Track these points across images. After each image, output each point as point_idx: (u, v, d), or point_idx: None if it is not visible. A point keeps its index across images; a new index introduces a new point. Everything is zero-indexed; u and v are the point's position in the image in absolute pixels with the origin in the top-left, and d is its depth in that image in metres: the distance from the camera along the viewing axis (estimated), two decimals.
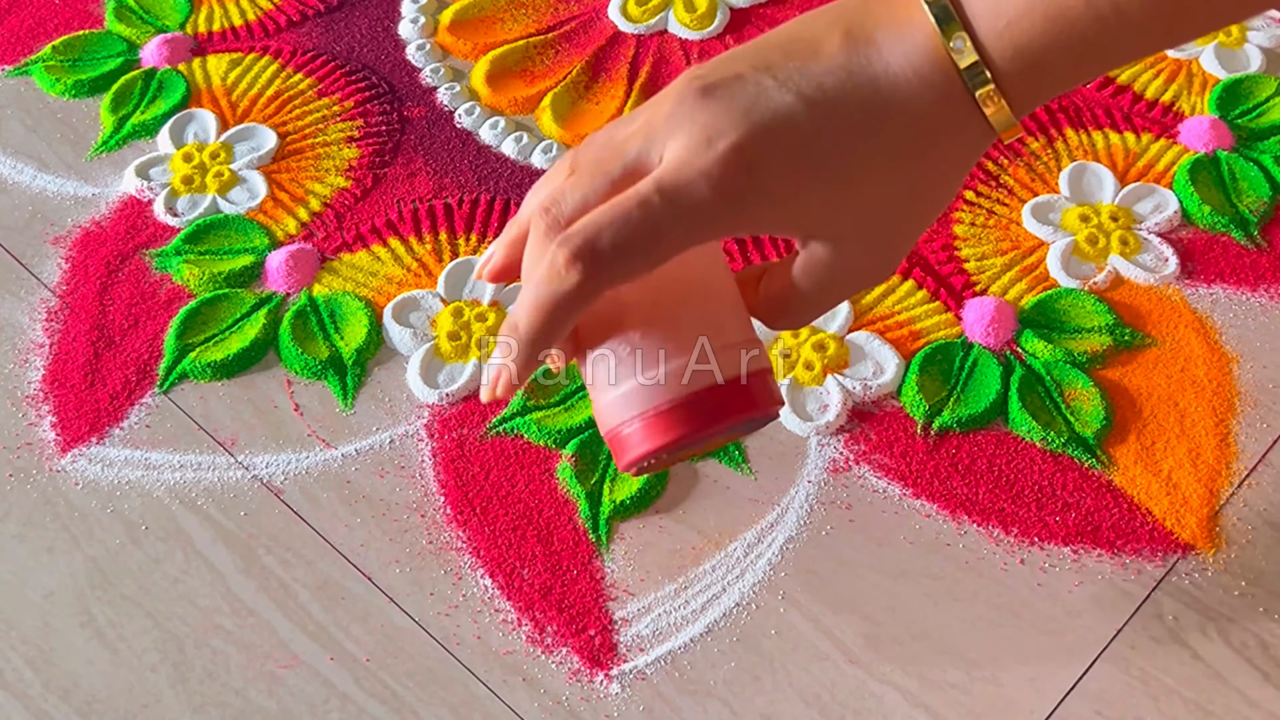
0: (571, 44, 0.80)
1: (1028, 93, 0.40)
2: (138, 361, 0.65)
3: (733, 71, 0.40)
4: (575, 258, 0.39)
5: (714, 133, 0.39)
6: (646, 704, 0.54)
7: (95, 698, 0.55)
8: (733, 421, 0.44)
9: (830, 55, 0.40)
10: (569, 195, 0.41)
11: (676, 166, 0.39)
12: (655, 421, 0.43)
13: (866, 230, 0.42)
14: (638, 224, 0.39)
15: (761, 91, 0.39)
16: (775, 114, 0.39)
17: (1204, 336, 0.65)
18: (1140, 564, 0.58)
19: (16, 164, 0.74)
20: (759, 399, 0.44)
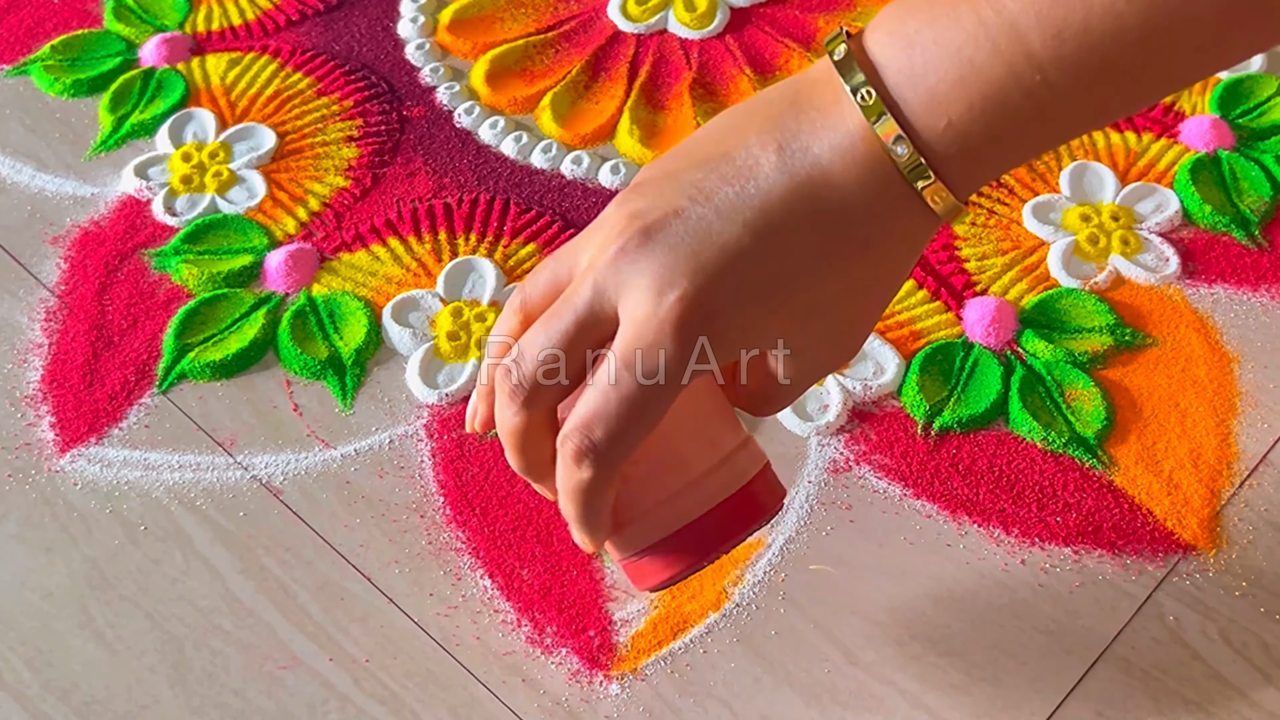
0: (571, 43, 0.80)
1: (969, 181, 0.40)
2: (136, 361, 0.65)
3: (671, 207, 0.39)
4: (579, 457, 0.40)
5: (664, 284, 0.39)
6: (646, 705, 0.54)
7: (94, 698, 0.55)
8: (744, 534, 0.45)
9: (768, 176, 0.39)
10: (526, 356, 0.41)
11: (635, 333, 0.39)
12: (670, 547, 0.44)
13: (828, 331, 0.42)
14: (621, 408, 0.39)
15: (705, 228, 0.39)
16: (724, 251, 0.39)
17: (1205, 336, 0.65)
18: (1141, 564, 0.57)
19: (15, 164, 0.74)
20: (765, 501, 0.45)
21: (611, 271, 0.40)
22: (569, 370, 0.41)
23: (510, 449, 0.43)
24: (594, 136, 0.75)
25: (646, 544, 0.44)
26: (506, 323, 0.44)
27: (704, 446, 0.43)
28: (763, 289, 0.39)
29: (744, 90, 0.76)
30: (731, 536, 0.44)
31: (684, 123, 0.75)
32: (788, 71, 0.77)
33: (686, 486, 0.43)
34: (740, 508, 0.44)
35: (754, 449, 0.45)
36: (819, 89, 0.40)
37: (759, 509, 0.44)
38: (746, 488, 0.44)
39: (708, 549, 0.44)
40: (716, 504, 0.43)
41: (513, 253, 0.69)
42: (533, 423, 0.42)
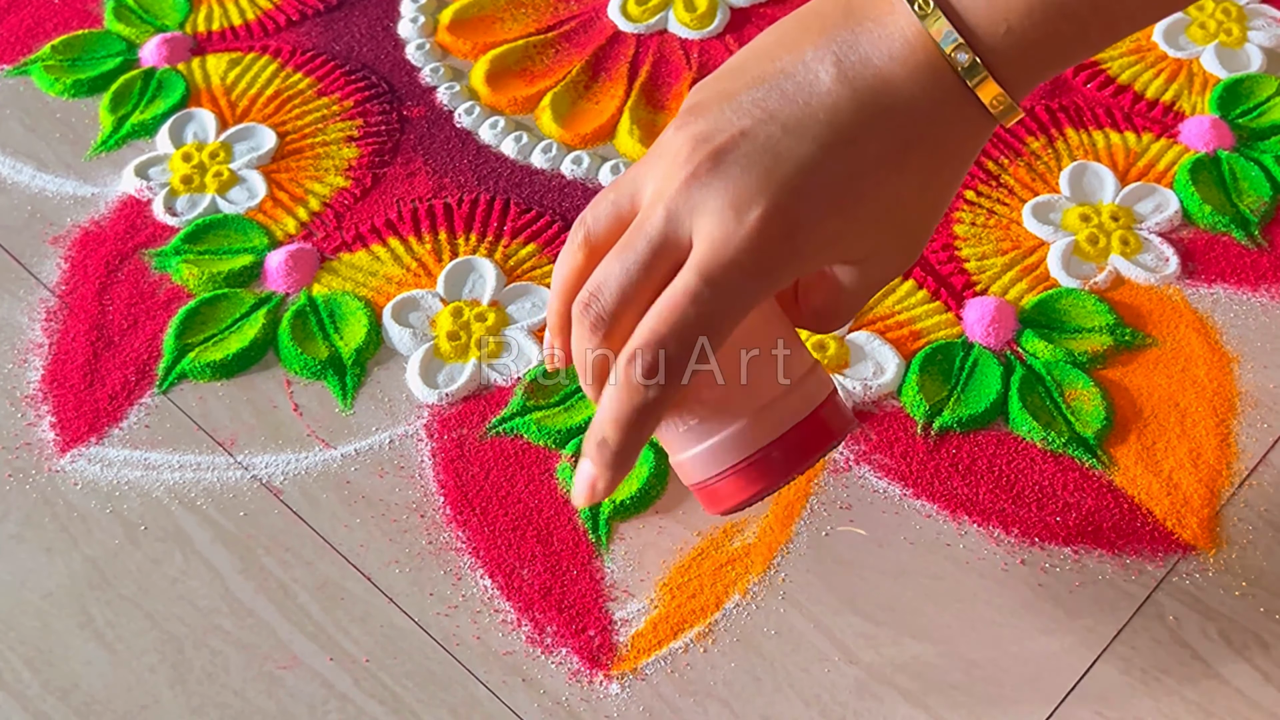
0: (571, 43, 0.80)
1: (1027, 82, 0.40)
2: (137, 361, 0.65)
3: (737, 128, 0.39)
4: (650, 371, 0.40)
5: (741, 204, 0.39)
6: (646, 704, 0.54)
7: (94, 698, 0.55)
8: (816, 457, 0.45)
9: (830, 90, 0.39)
10: (606, 289, 0.41)
11: (714, 250, 0.39)
12: (746, 472, 0.44)
13: (891, 237, 0.42)
14: (696, 321, 0.39)
15: (774, 146, 0.39)
16: (799, 169, 0.39)
17: (1205, 336, 0.65)
18: (1141, 564, 0.57)
19: (15, 164, 0.74)
20: (834, 426, 0.45)
21: (684, 198, 0.39)
22: (648, 300, 0.40)
23: (590, 382, 0.42)
24: (594, 136, 0.75)
25: (720, 469, 0.44)
26: (571, 258, 0.43)
27: (775, 371, 0.44)
28: (839, 199, 0.39)
29: None
30: (803, 461, 0.44)
31: None
32: None
33: (759, 410, 0.43)
34: (811, 432, 0.44)
35: (822, 374, 0.45)
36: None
37: (828, 433, 0.45)
38: (816, 412, 0.44)
39: (781, 473, 0.44)
40: (789, 429, 0.44)
41: (513, 253, 0.69)
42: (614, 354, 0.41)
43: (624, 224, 0.42)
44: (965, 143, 0.41)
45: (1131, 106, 0.75)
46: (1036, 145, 0.73)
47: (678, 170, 0.40)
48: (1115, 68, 0.77)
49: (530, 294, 0.67)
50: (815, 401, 0.45)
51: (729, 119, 0.40)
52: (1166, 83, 0.76)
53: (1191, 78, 0.76)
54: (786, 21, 0.42)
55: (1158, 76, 0.76)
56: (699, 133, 0.40)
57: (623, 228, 0.42)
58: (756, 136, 0.39)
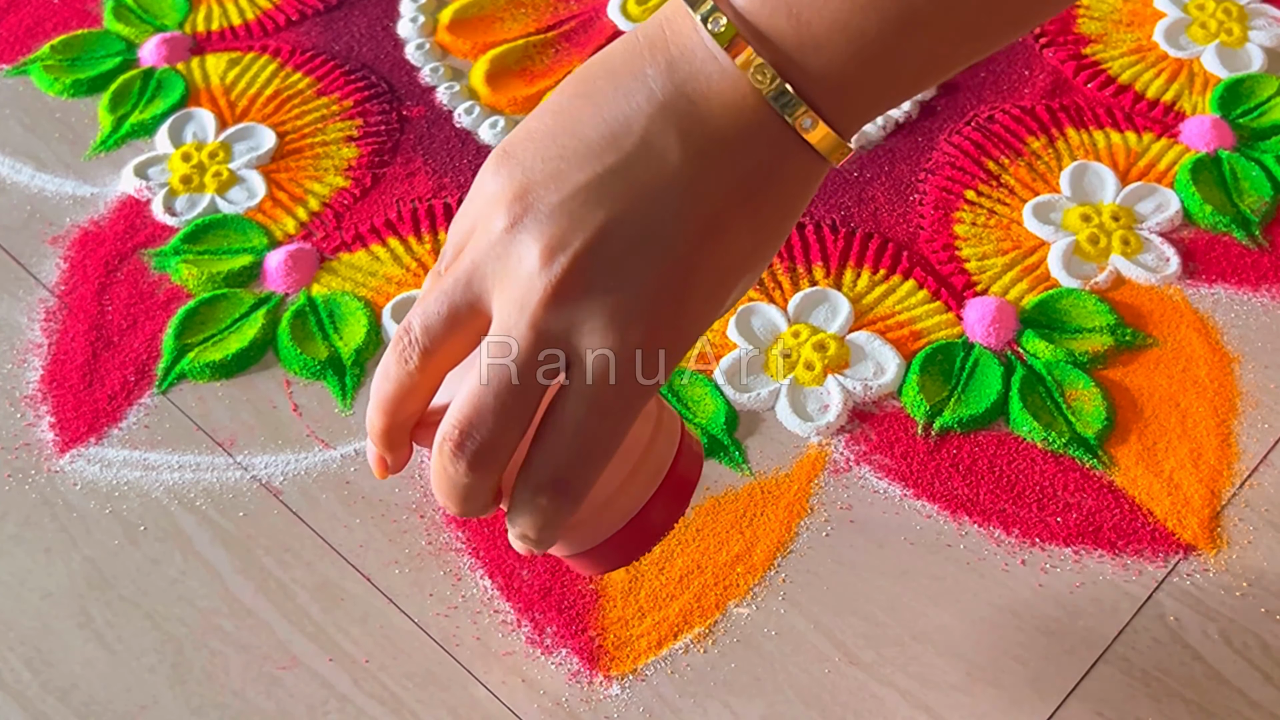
0: (571, 43, 0.80)
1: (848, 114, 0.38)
2: (136, 362, 0.65)
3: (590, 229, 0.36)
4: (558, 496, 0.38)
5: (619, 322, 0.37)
6: (646, 705, 0.54)
7: (93, 699, 0.54)
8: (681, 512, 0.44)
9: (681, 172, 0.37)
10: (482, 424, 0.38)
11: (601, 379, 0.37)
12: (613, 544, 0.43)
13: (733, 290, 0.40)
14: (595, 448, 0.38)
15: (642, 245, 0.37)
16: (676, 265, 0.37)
17: (1205, 337, 0.65)
18: (1141, 565, 0.57)
19: (14, 163, 0.74)
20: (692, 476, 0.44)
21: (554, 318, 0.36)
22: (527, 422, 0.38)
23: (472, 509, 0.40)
24: None
25: (587, 547, 0.43)
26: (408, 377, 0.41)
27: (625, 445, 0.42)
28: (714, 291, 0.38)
29: None
30: (669, 522, 0.44)
31: None
32: None
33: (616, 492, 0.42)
34: (672, 491, 0.43)
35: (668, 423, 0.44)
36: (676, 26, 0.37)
37: (688, 485, 0.44)
38: (673, 471, 0.43)
39: (649, 538, 0.44)
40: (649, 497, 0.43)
41: None
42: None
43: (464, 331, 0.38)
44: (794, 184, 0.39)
45: (1132, 106, 0.75)
46: (1037, 145, 0.73)
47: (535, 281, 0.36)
48: (1116, 67, 0.77)
49: None
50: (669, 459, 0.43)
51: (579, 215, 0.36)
52: (1167, 82, 0.76)
53: (1192, 77, 0.76)
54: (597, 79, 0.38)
55: (1158, 76, 0.76)
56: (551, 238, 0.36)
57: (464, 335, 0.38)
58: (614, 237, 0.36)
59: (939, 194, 0.71)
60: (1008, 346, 0.65)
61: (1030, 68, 0.77)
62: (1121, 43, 0.78)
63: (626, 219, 0.36)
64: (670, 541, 0.58)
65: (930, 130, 0.74)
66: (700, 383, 0.63)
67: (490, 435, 0.38)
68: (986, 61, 0.77)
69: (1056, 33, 0.78)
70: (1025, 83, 0.76)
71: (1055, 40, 0.78)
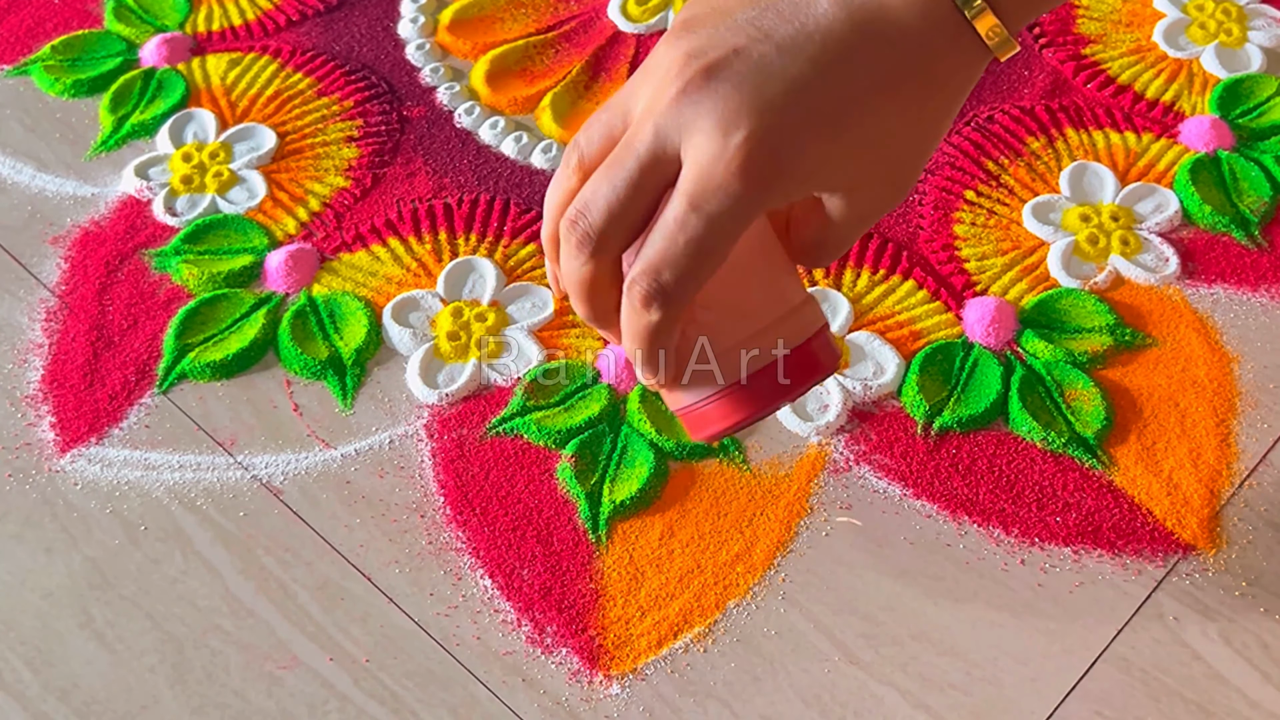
0: (571, 43, 0.80)
1: (1019, 11, 0.40)
2: (137, 362, 0.65)
3: (730, 45, 0.39)
4: (648, 301, 0.40)
5: (729, 123, 0.38)
6: (646, 704, 0.54)
7: (94, 698, 0.55)
8: (804, 388, 0.45)
9: (827, 13, 0.39)
10: (593, 206, 0.40)
11: (702, 173, 0.39)
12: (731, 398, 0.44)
13: (879, 167, 0.42)
14: (687, 250, 0.39)
15: (767, 65, 0.39)
16: (789, 87, 0.39)
17: (1205, 337, 0.65)
18: (1141, 564, 0.57)
19: (15, 164, 0.74)
20: (823, 360, 0.45)
21: (673, 113, 0.39)
22: (635, 216, 0.40)
23: (578, 299, 0.42)
24: None
25: (707, 394, 0.44)
26: (565, 182, 0.43)
27: (769, 299, 0.44)
28: (827, 123, 0.39)
29: None
30: (789, 391, 0.44)
31: None
32: None
33: (750, 337, 0.43)
34: (801, 363, 0.44)
35: (815, 307, 0.45)
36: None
37: (817, 366, 0.45)
38: (807, 344, 0.44)
39: (765, 402, 0.44)
40: (778, 357, 0.44)
41: (513, 253, 0.69)
42: (600, 271, 0.41)
43: (615, 143, 0.41)
44: (958, 74, 0.41)
45: (1131, 106, 0.75)
46: (1037, 145, 0.73)
47: (668, 86, 0.39)
48: (1115, 68, 0.77)
49: (530, 294, 0.67)
50: (807, 333, 0.45)
51: (723, 36, 0.39)
52: (1166, 83, 0.76)
53: (1191, 78, 0.76)
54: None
55: (1158, 76, 0.76)
56: (691, 48, 0.39)
57: (614, 146, 0.41)
58: (750, 54, 0.39)
59: (938, 194, 0.71)
60: (1007, 346, 0.65)
61: (1030, 68, 0.77)
62: (1121, 43, 0.78)
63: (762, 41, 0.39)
64: (670, 541, 0.58)
65: None
66: None
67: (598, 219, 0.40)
68: None
69: (1056, 33, 0.78)
70: (1025, 83, 0.76)
71: (1055, 40, 0.78)
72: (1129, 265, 0.67)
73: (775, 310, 0.44)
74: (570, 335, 0.65)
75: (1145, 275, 0.67)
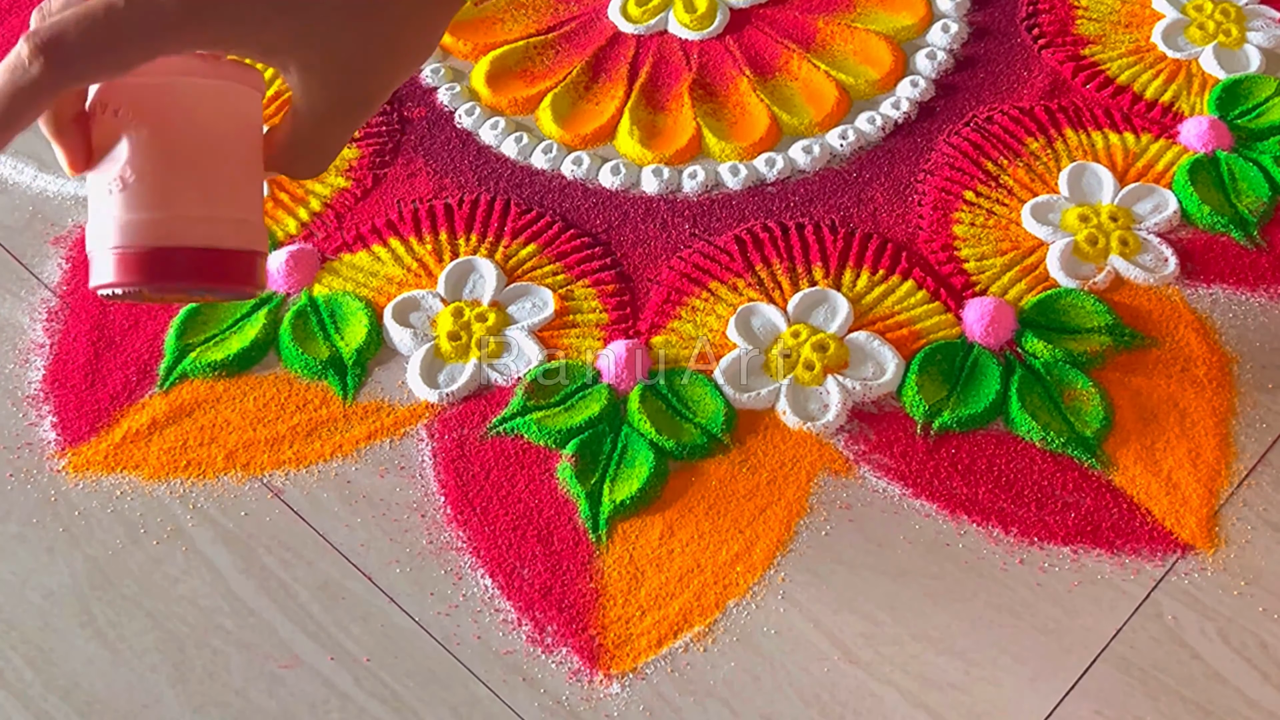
0: (571, 44, 0.80)
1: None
2: (138, 361, 0.65)
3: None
4: (38, 51, 0.39)
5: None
6: (646, 704, 0.54)
7: (95, 698, 0.55)
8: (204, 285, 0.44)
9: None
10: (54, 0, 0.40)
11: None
12: (121, 259, 0.43)
13: (334, 55, 0.41)
14: (101, 26, 0.38)
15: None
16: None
17: (1204, 337, 0.65)
18: (1140, 564, 0.58)
19: (17, 164, 0.74)
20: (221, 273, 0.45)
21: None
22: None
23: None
24: (594, 137, 0.75)
25: (110, 245, 0.43)
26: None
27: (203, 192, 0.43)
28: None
29: (744, 91, 0.76)
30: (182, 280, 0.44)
31: (684, 123, 0.75)
32: (787, 72, 0.77)
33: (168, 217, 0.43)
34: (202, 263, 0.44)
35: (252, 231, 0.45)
36: None
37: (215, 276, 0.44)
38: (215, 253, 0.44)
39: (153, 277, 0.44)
40: (181, 246, 0.43)
41: (513, 253, 0.69)
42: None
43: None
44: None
45: (1130, 107, 0.75)
46: (1036, 146, 0.73)
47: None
48: (1114, 68, 0.77)
49: (531, 294, 0.67)
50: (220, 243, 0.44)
51: None
52: (1165, 83, 0.76)
53: (1190, 78, 0.76)
54: None
55: (1157, 77, 0.76)
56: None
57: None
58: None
59: (938, 194, 0.71)
60: (1006, 346, 0.65)
61: (1029, 69, 0.77)
62: (1120, 44, 0.78)
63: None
64: (670, 540, 0.59)
65: (929, 131, 0.74)
66: (700, 383, 0.63)
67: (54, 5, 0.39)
68: (985, 62, 0.77)
69: (1055, 34, 0.79)
70: (1024, 84, 0.76)
71: (1054, 41, 0.78)
72: (1128, 265, 0.68)
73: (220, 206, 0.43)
74: (570, 335, 0.66)
75: (1144, 275, 0.67)
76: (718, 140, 0.73)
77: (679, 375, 0.64)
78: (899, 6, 0.80)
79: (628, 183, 0.72)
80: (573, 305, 0.67)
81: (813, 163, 0.72)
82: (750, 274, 0.67)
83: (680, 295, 0.67)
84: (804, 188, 0.72)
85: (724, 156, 0.73)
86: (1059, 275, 0.67)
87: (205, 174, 0.44)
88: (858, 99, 0.76)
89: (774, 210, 0.71)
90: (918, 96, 0.75)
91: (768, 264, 0.68)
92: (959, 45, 0.78)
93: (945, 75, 0.77)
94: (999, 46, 0.78)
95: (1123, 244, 0.68)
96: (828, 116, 0.74)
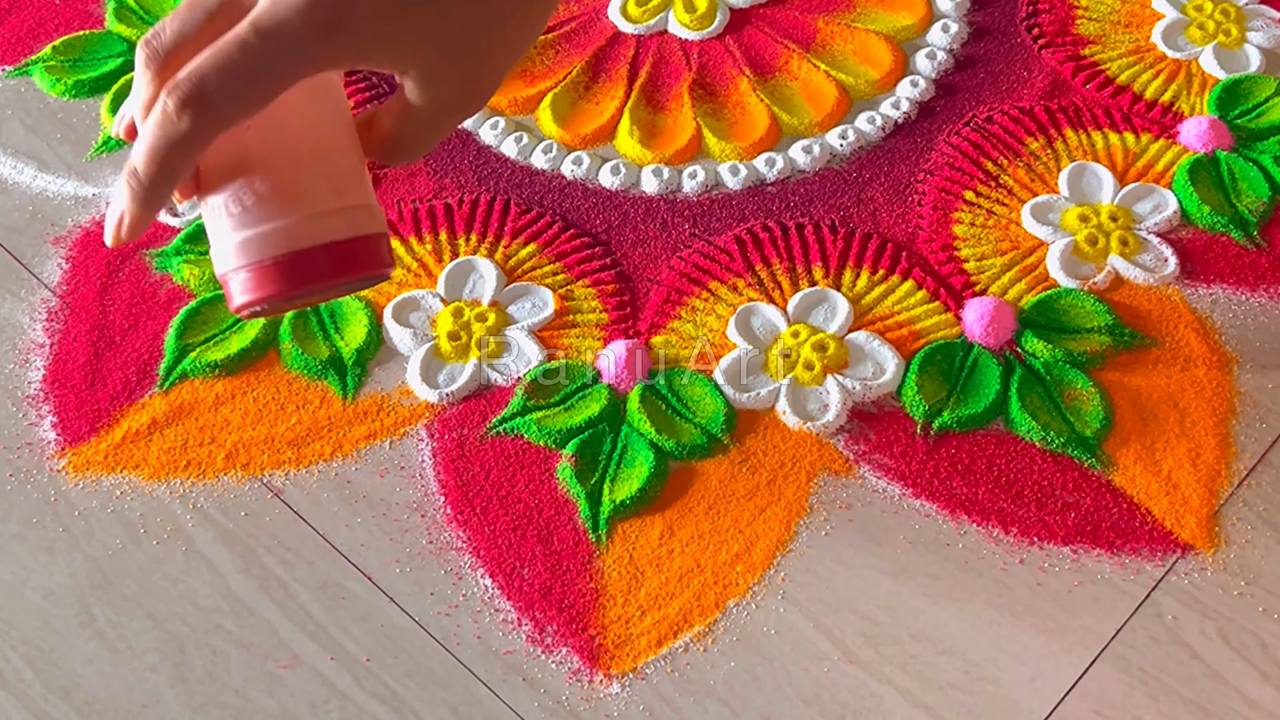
0: (571, 44, 0.80)
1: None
2: (138, 361, 0.65)
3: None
4: (184, 104, 0.39)
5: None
6: (646, 704, 0.54)
7: (95, 698, 0.55)
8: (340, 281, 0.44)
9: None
10: (167, 28, 0.40)
11: (271, 6, 0.38)
12: (263, 272, 0.43)
13: (454, 60, 0.41)
14: (240, 66, 0.38)
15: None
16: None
17: (1204, 336, 0.65)
18: (1139, 564, 0.58)
19: (17, 164, 0.74)
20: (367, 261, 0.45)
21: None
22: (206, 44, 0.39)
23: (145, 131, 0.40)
24: (594, 137, 0.75)
25: (248, 261, 0.43)
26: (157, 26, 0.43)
27: (329, 186, 0.43)
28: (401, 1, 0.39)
29: (743, 91, 0.76)
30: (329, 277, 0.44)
31: (684, 123, 0.75)
32: (787, 72, 0.77)
33: (303, 219, 0.43)
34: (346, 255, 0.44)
35: (377, 214, 0.45)
36: None
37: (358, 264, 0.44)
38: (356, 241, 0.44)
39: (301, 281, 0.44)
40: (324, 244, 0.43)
41: (513, 253, 0.69)
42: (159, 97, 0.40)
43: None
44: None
45: (1130, 107, 0.75)
46: (1035, 146, 0.73)
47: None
48: (1114, 68, 0.77)
49: (531, 294, 0.67)
50: (360, 231, 0.44)
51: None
52: (1165, 83, 0.76)
53: (1190, 78, 0.76)
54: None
55: (1157, 77, 0.76)
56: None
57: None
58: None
59: (938, 194, 0.71)
60: (1006, 346, 0.65)
61: (1029, 69, 0.77)
62: (1120, 44, 0.78)
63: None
64: (670, 540, 0.59)
65: (929, 131, 0.74)
66: (700, 382, 0.63)
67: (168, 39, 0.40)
68: (985, 62, 0.77)
69: (1055, 34, 0.79)
70: (1024, 84, 0.76)
71: (1054, 41, 0.78)
72: (1128, 265, 0.68)
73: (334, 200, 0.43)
74: (570, 335, 0.66)
75: (1144, 275, 0.67)
76: (718, 140, 0.74)
77: (679, 375, 0.64)
78: (899, 6, 0.80)
79: (628, 183, 0.72)
80: (573, 305, 0.67)
81: (813, 163, 0.72)
82: (750, 274, 0.67)
83: (680, 295, 0.67)
84: (804, 188, 0.72)
85: (724, 156, 0.73)
86: (1059, 275, 0.67)
87: (329, 168, 0.43)
88: (858, 99, 0.76)
89: (774, 210, 0.71)
90: (918, 96, 0.75)
91: (768, 264, 0.68)
92: (959, 45, 0.78)
93: (945, 75, 0.77)
94: (999, 46, 0.78)
95: (1123, 244, 0.68)
96: (828, 116, 0.74)
